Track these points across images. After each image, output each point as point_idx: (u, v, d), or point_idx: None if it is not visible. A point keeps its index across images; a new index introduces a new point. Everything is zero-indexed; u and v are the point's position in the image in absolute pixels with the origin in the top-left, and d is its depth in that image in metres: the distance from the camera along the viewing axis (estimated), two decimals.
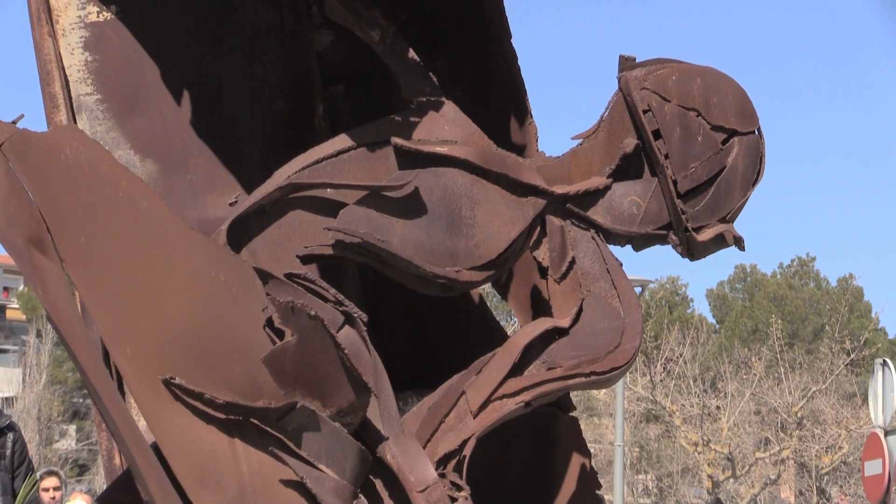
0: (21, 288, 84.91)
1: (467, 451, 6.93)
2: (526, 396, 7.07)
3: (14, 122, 6.47)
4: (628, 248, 7.55)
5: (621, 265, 7.43)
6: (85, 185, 6.47)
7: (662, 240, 7.41)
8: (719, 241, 7.38)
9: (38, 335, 61.21)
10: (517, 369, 7.09)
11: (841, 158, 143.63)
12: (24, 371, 60.87)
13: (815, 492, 42.57)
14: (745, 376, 46.48)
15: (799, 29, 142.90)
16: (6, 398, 56.77)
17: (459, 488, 6.82)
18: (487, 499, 6.97)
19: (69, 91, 7.21)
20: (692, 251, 7.41)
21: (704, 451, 42.70)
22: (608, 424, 41.57)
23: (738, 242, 7.44)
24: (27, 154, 6.39)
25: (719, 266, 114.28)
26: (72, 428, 63.03)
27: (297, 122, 7.68)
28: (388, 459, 6.77)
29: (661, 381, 43.48)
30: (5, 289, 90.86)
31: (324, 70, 7.90)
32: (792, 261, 75.47)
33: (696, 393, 44.84)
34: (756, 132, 7.42)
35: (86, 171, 6.50)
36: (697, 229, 7.30)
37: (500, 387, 7.05)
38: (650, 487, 48.14)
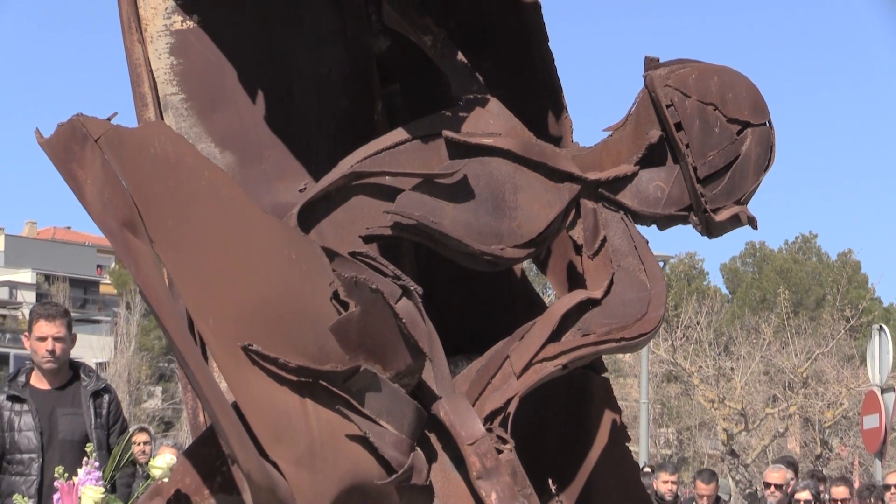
0: (112, 266, 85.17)
1: (511, 409, 6.94)
2: (563, 360, 7.09)
3: (109, 119, 6.48)
4: (653, 227, 7.57)
5: (647, 242, 7.45)
6: (172, 174, 6.50)
7: (684, 220, 7.44)
8: (735, 221, 7.40)
9: (128, 307, 61.41)
10: (555, 336, 7.11)
11: (840, 145, 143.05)
12: (116, 339, 61.07)
13: (818, 443, 42.46)
14: (755, 341, 46.34)
15: (799, 14, 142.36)
16: (100, 363, 56.90)
17: (504, 441, 6.84)
18: (529, 451, 6.97)
19: (157, 91, 7.23)
20: (710, 230, 7.43)
21: (720, 407, 42.60)
22: (633, 384, 41.51)
23: (752, 222, 7.45)
24: (120, 147, 6.41)
25: (731, 243, 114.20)
26: (158, 389, 63.25)
27: (359, 117, 7.69)
28: (442, 416, 6.78)
29: (681, 345, 43.42)
30: (98, 266, 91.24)
31: (382, 71, 7.91)
32: (796, 238, 75.27)
33: (711, 356, 44.78)
34: (767, 124, 7.43)
35: (172, 162, 6.52)
36: (715, 210, 7.32)
37: (540, 351, 7.07)
38: (671, 440, 48.07)
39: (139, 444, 15.52)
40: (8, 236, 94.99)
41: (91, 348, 56.87)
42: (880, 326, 25.52)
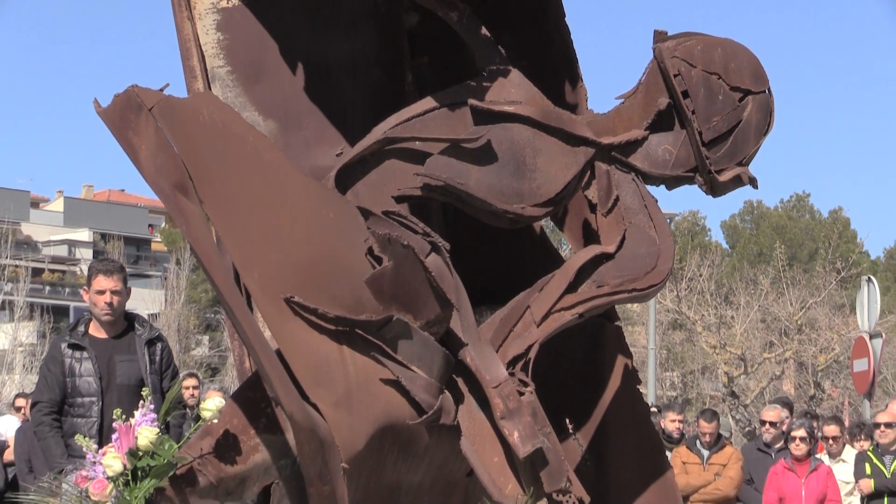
0: (163, 225, 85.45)
1: (532, 355, 6.96)
2: (579, 309, 7.11)
3: (161, 90, 6.51)
4: (662, 187, 7.58)
5: (656, 201, 7.47)
6: (219, 140, 6.52)
7: (690, 180, 7.47)
8: (737, 181, 7.42)
9: (177, 263, 61.54)
10: (572, 287, 7.13)
11: (831, 110, 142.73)
12: (166, 292, 61.25)
13: (811, 385, 42.43)
14: (753, 291, 46.31)
15: None
16: (152, 314, 57.07)
17: (526, 384, 6.85)
18: (548, 393, 6.98)
19: (205, 64, 7.24)
20: (715, 190, 7.45)
21: (721, 352, 42.58)
22: (641, 332, 41.48)
23: (752, 182, 7.47)
24: (172, 116, 6.43)
25: (731, 202, 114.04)
26: (205, 338, 63.42)
27: (391, 87, 7.70)
28: (468, 361, 6.80)
29: (685, 295, 43.37)
30: (150, 226, 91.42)
31: (412, 45, 7.92)
32: (791, 197, 75.19)
33: (713, 305, 44.73)
34: (767, 91, 7.46)
35: (220, 129, 6.54)
36: (719, 171, 7.36)
37: (558, 301, 7.09)
38: (676, 383, 48.03)
39: (188, 388, 15.58)
40: (67, 198, 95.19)
41: (143, 301, 56.98)
42: (868, 278, 25.53)
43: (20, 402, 17.54)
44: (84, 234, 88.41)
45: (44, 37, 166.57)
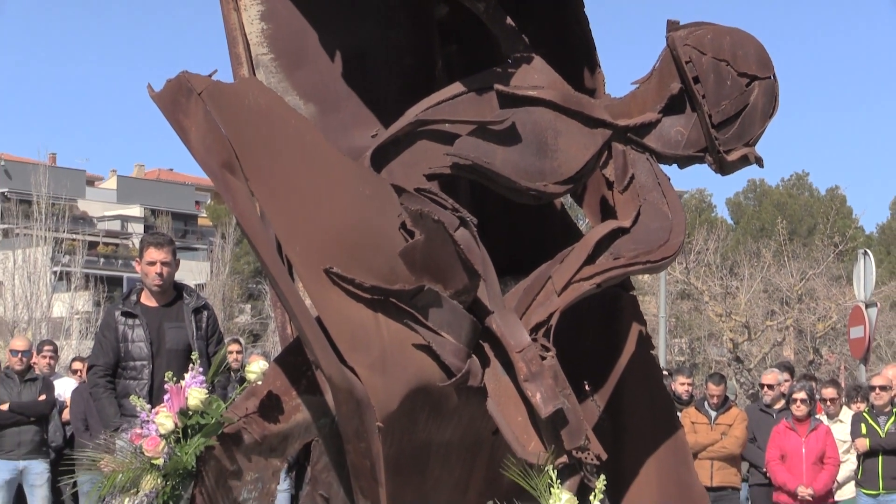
0: (208, 202, 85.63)
1: (553, 322, 6.95)
2: (597, 280, 7.10)
3: (210, 76, 6.54)
4: (674, 166, 7.58)
5: (669, 179, 7.47)
6: (264, 122, 6.54)
7: (700, 160, 7.47)
8: (744, 161, 7.42)
9: (222, 237, 61.62)
10: (590, 259, 7.12)
11: (830, 93, 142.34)
12: (211, 264, 61.35)
13: (810, 351, 42.38)
14: (755, 264, 46.22)
15: None
16: (198, 285, 57.19)
17: (547, 349, 6.85)
18: (568, 358, 6.97)
19: (250, 52, 7.25)
20: (724, 168, 7.45)
21: (726, 320, 42.54)
22: (652, 301, 41.38)
23: (759, 161, 7.48)
24: (220, 99, 6.46)
25: (735, 180, 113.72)
26: (247, 307, 63.55)
27: (422, 73, 7.69)
28: (494, 328, 6.79)
29: (693, 267, 43.34)
30: (196, 202, 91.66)
31: (442, 34, 7.91)
32: (791, 176, 74.96)
33: (719, 276, 44.69)
34: (772, 77, 7.46)
35: (264, 112, 6.56)
36: (727, 151, 7.36)
37: (577, 272, 7.08)
38: (684, 348, 47.98)
39: (233, 353, 15.62)
40: (120, 177, 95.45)
41: (190, 272, 57.14)
42: (865, 251, 25.50)
43: (77, 365, 17.57)
44: (135, 210, 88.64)
45: (102, 27, 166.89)
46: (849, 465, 15.67)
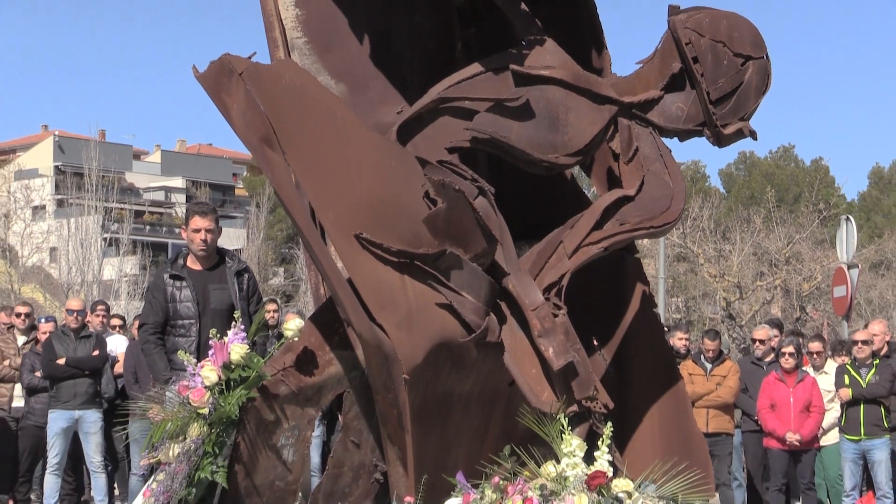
0: (244, 174, 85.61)
1: (564, 282, 6.96)
2: (605, 244, 7.10)
3: (249, 58, 6.55)
4: (675, 139, 7.58)
5: (670, 151, 7.46)
6: (299, 100, 6.54)
7: (699, 134, 7.48)
8: (739, 134, 7.42)
9: (257, 206, 61.64)
10: (598, 225, 7.13)
11: (815, 69, 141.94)
12: (247, 231, 61.41)
13: (797, 309, 42.34)
14: (746, 229, 46.13)
15: None
16: (235, 250, 57.24)
17: (559, 307, 6.85)
18: (578, 315, 6.98)
19: (285, 36, 7.23)
20: (720, 141, 7.45)
21: (719, 281, 42.52)
22: (651, 263, 41.28)
23: (753, 134, 7.48)
24: (259, 79, 6.47)
25: (727, 153, 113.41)
26: (281, 270, 63.60)
27: (443, 55, 7.67)
28: (510, 288, 6.80)
29: (689, 232, 43.29)
30: (234, 174, 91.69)
31: (461, 18, 7.89)
32: (778, 148, 74.61)
33: (712, 241, 44.62)
34: (765, 57, 7.46)
35: (299, 91, 6.56)
36: (724, 126, 7.37)
37: (586, 237, 7.08)
38: (680, 307, 47.98)
39: (270, 311, 15.62)
40: (163, 151, 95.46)
41: (228, 238, 56.85)
42: (847, 217, 25.43)
43: (115, 321, 17.65)
44: (178, 182, 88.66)
45: (148, 15, 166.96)
46: (833, 413, 15.66)
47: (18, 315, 16.61)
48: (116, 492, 16.33)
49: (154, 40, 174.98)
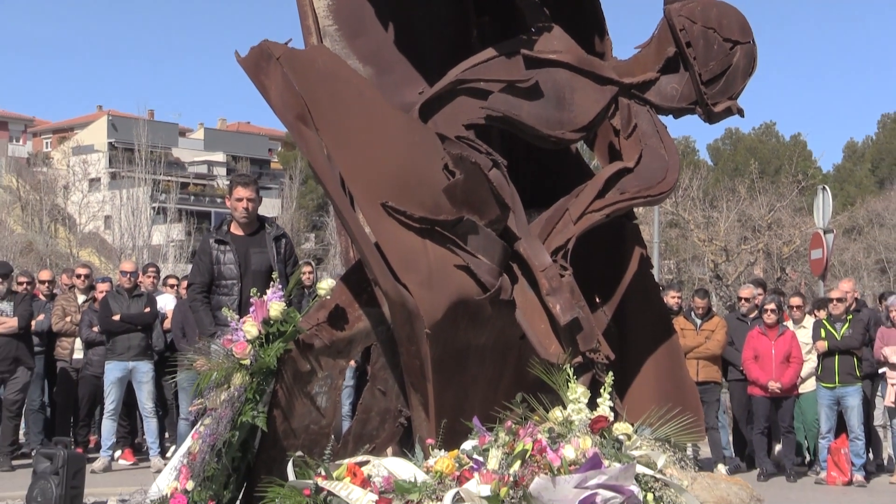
0: (279, 149, 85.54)
1: (570, 246, 6.96)
2: (606, 211, 7.11)
3: (286, 44, 6.54)
4: (670, 116, 7.56)
5: (665, 127, 7.46)
6: (330, 82, 6.54)
7: (692, 111, 7.50)
8: (728, 112, 7.45)
9: (290, 178, 61.73)
10: (601, 194, 7.13)
11: (796, 50, 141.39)
12: (282, 200, 61.47)
13: (777, 270, 42.14)
14: (732, 198, 45.93)
15: None
16: (272, 217, 57.32)
17: (565, 268, 6.85)
18: (582, 276, 6.98)
19: (318, 24, 7.22)
20: (711, 118, 7.46)
21: (708, 245, 42.39)
22: (646, 229, 41.14)
23: (740, 112, 7.49)
24: (294, 63, 6.47)
25: (715, 129, 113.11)
26: (312, 235, 63.63)
27: (460, 41, 7.65)
28: (521, 251, 6.80)
29: (680, 201, 43.16)
30: (269, 150, 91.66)
31: (476, 7, 7.88)
32: (761, 125, 74.34)
33: (701, 208, 44.46)
34: (751, 42, 7.48)
35: (330, 74, 6.57)
36: (714, 104, 7.39)
37: (590, 205, 7.09)
38: (672, 268, 47.77)
39: (306, 273, 15.62)
40: (206, 128, 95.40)
41: (264, 207, 56.80)
42: (823, 187, 25.32)
43: (172, 281, 17.69)
44: (219, 157, 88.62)
45: (191, 6, 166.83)
46: (811, 363, 15.65)
47: (78, 276, 16.65)
48: (166, 435, 16.37)
49: (198, 28, 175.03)
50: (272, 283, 6.95)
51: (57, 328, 15.91)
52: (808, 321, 16.21)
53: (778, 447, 16.08)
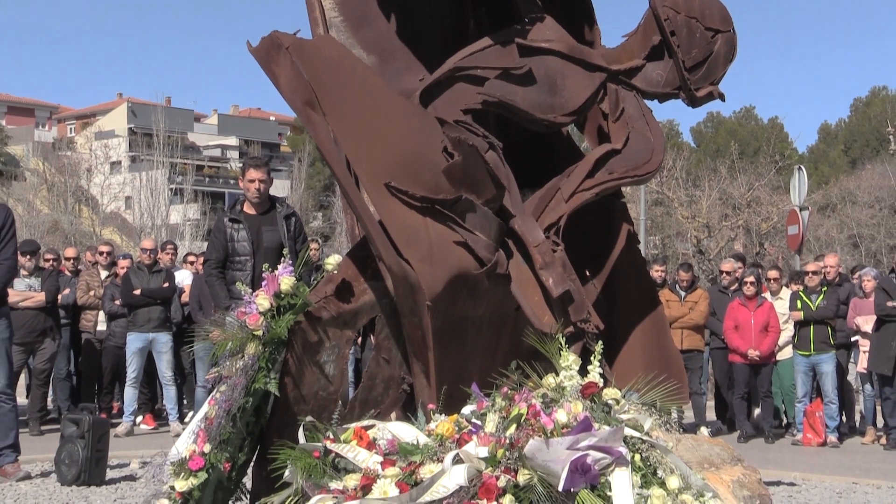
0: (288, 133, 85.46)
1: (562, 223, 6.95)
2: (596, 190, 7.09)
3: (294, 34, 6.51)
4: (655, 101, 7.55)
5: (651, 111, 7.44)
6: (336, 70, 6.50)
7: (676, 96, 7.46)
8: (710, 96, 7.42)
9: (299, 161, 61.64)
10: (591, 174, 7.10)
11: (775, 35, 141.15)
12: (291, 182, 61.43)
13: (756, 245, 42.11)
14: (713, 177, 45.85)
15: None
16: (282, 197, 57.22)
17: (557, 244, 6.84)
18: (573, 251, 6.97)
19: (324, 15, 7.18)
20: (694, 102, 7.44)
21: (691, 221, 42.32)
22: (633, 207, 41.08)
23: (721, 97, 7.45)
24: (303, 52, 6.43)
25: (697, 113, 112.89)
26: (319, 214, 63.60)
27: (458, 31, 7.63)
28: (516, 228, 6.78)
29: (665, 180, 43.08)
30: (279, 134, 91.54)
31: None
32: (741, 108, 74.43)
33: (685, 187, 44.41)
34: (731, 30, 7.45)
35: (336, 62, 6.53)
36: (697, 89, 7.36)
37: (580, 185, 7.06)
38: (658, 244, 47.71)
39: (313, 249, 15.64)
40: (220, 114, 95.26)
41: (274, 188, 56.75)
42: (799, 167, 25.36)
43: (190, 258, 17.71)
44: (232, 141, 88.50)
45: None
46: (787, 332, 15.70)
47: (101, 253, 16.70)
48: (184, 401, 16.42)
49: (212, 20, 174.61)
50: (283, 258, 6.96)
51: (81, 302, 15.95)
52: (785, 293, 16.26)
53: (757, 411, 16.14)
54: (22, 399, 14.70)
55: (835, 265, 16.71)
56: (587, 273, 7.46)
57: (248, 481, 7.17)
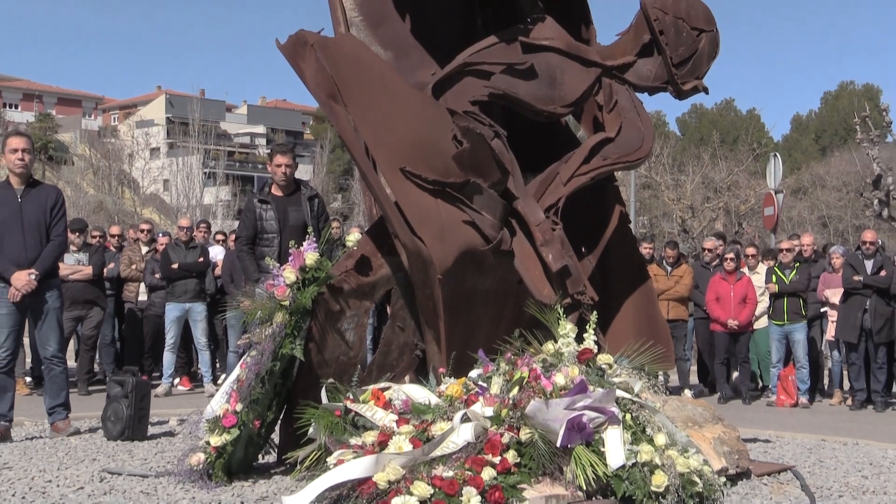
0: (311, 122, 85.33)
1: (560, 204, 6.95)
2: (591, 174, 7.10)
3: (318, 32, 6.50)
4: (645, 94, 7.53)
5: (642, 103, 7.43)
6: (357, 65, 6.49)
7: (664, 90, 7.48)
8: (695, 90, 7.46)
9: (321, 147, 61.56)
10: (587, 160, 7.11)
11: (751, 36, 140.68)
12: (313, 167, 61.33)
13: (735, 225, 41.99)
14: (696, 163, 45.75)
15: None
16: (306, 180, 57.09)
17: (556, 223, 6.86)
18: (571, 229, 6.98)
19: (345, 14, 7.16)
20: (680, 95, 7.45)
21: (677, 203, 42.25)
22: (624, 189, 40.99)
23: (705, 90, 7.48)
24: (326, 49, 6.43)
25: (682, 105, 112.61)
26: (339, 196, 63.50)
27: (467, 29, 7.63)
28: (519, 209, 6.79)
29: (653, 166, 42.97)
30: (303, 123, 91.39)
31: (481, 1, 7.85)
32: (722, 100, 73.97)
33: (671, 172, 44.31)
34: (715, 30, 7.46)
35: (357, 58, 6.52)
36: (683, 83, 7.38)
37: (577, 170, 7.07)
38: (646, 224, 47.64)
39: (334, 228, 15.62)
40: (249, 105, 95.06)
41: (298, 172, 56.85)
42: (774, 154, 25.25)
43: (220, 236, 17.71)
44: (260, 129, 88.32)
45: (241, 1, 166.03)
46: (763, 304, 15.65)
47: (142, 231, 16.69)
48: (217, 365, 16.45)
49: (243, 19, 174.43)
50: (307, 236, 6.96)
51: (125, 275, 15.96)
52: (762, 268, 16.20)
53: (735, 375, 16.12)
54: (71, 362, 14.70)
55: (810, 244, 16.75)
56: (583, 250, 7.47)
57: (276, 437, 7.20)
